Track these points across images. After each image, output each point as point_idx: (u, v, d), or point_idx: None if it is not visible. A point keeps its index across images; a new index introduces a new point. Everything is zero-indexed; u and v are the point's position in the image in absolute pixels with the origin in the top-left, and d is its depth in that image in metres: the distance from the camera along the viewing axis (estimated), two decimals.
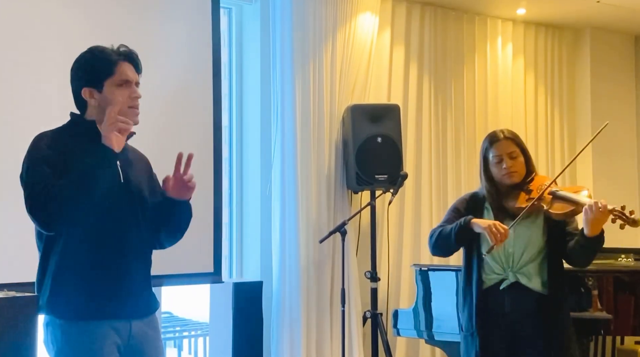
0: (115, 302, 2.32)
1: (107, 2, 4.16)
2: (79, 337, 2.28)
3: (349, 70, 5.17)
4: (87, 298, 2.29)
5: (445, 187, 5.71)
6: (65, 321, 2.29)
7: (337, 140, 5.13)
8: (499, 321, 3.03)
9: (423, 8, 5.71)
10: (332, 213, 5.04)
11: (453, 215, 3.19)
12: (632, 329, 4.24)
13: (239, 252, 5.18)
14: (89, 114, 2.40)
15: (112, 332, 2.32)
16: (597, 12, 6.03)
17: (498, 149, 3.10)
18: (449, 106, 5.81)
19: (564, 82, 6.52)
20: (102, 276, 2.31)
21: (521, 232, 3.03)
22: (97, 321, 2.29)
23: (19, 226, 3.77)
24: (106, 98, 2.35)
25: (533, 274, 2.99)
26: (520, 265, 3.01)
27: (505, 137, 3.11)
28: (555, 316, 2.97)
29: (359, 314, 5.06)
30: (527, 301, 2.99)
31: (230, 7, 5.20)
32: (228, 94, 5.16)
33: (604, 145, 6.54)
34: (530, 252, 3.00)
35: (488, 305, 3.04)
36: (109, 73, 2.36)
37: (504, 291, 3.02)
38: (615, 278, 4.22)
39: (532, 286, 2.98)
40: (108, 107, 2.32)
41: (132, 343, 2.37)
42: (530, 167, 3.14)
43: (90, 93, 2.37)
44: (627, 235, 6.75)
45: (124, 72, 2.38)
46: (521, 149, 3.12)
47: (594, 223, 2.84)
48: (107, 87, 2.36)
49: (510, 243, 3.02)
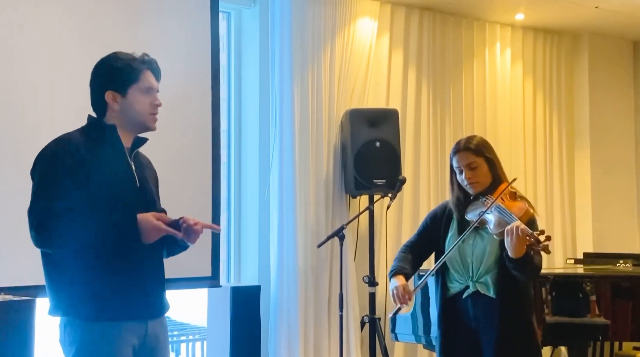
0: (133, 303, 2.35)
1: (106, 6, 4.16)
2: (99, 338, 2.30)
3: (347, 75, 5.17)
4: (106, 299, 2.31)
5: (443, 192, 5.70)
6: (85, 322, 2.30)
7: (336, 144, 5.13)
8: (462, 325, 3.09)
9: (422, 13, 5.71)
10: (330, 217, 5.04)
11: (421, 228, 3.30)
12: (630, 335, 4.25)
13: (237, 257, 5.17)
14: (108, 117, 2.44)
15: (130, 333, 2.35)
16: (596, 17, 6.04)
17: (458, 160, 3.12)
18: (447, 111, 5.81)
19: (562, 88, 6.52)
20: (119, 277, 2.33)
21: (478, 243, 3.06)
22: (115, 322, 2.32)
23: (14, 230, 3.77)
24: (129, 103, 2.41)
25: (491, 283, 3.01)
26: (478, 275, 3.05)
27: (464, 148, 3.11)
28: (509, 323, 3.00)
29: (357, 319, 5.05)
30: (486, 307, 3.03)
31: (230, 11, 5.21)
32: (227, 98, 5.16)
33: (602, 151, 6.55)
34: (487, 263, 3.03)
35: (452, 311, 3.12)
36: (135, 79, 2.42)
37: (467, 299, 3.08)
38: (614, 284, 4.22)
39: (490, 294, 3.02)
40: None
41: (146, 343, 2.41)
42: (497, 175, 3.11)
43: (114, 96, 2.41)
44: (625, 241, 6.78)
45: (148, 80, 2.44)
46: (485, 158, 3.10)
47: (512, 246, 2.81)
48: (131, 92, 2.41)
49: (468, 254, 3.08)
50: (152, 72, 2.47)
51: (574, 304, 4.16)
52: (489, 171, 3.10)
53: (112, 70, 2.42)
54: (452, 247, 3.06)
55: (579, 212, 6.52)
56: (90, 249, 2.28)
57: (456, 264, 3.10)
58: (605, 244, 6.31)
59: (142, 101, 2.42)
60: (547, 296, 4.17)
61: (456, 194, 3.16)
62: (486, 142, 3.18)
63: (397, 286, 3.11)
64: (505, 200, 2.98)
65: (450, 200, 3.20)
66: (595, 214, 6.45)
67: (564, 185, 6.44)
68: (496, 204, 2.93)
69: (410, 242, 3.31)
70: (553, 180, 6.39)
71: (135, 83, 2.41)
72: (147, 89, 2.43)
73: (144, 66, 2.45)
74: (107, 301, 2.30)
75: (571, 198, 6.51)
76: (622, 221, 6.63)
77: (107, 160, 2.35)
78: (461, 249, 3.08)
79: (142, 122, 2.43)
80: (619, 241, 6.48)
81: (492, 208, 2.93)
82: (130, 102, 2.41)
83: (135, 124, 2.44)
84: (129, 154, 2.45)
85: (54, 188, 2.26)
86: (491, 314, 3.01)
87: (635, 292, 4.21)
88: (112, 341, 2.31)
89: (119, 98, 2.41)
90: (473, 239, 3.08)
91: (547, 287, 4.16)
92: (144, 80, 2.43)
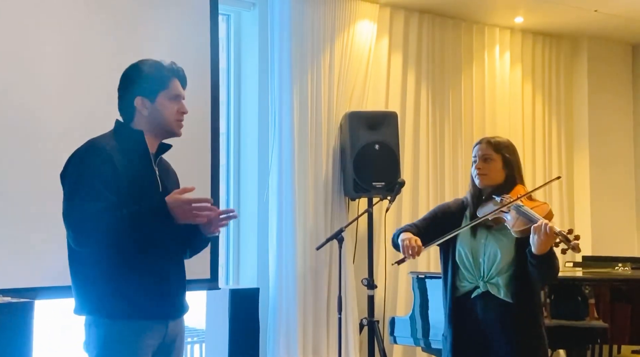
0: (156, 303, 2.41)
1: (107, 9, 4.16)
2: (122, 336, 2.36)
3: (347, 78, 5.18)
4: (130, 298, 2.37)
5: (442, 195, 5.71)
6: (109, 320, 2.36)
7: (335, 147, 5.13)
8: (470, 327, 3.06)
9: (421, 16, 5.72)
10: (329, 220, 5.04)
11: (428, 216, 3.24)
12: (629, 338, 4.24)
13: (236, 259, 5.17)
14: (136, 123, 2.50)
15: (151, 332, 2.42)
16: (595, 21, 6.05)
17: (476, 150, 3.13)
18: (446, 114, 5.82)
19: (561, 91, 6.53)
20: (144, 277, 2.39)
21: (491, 243, 3.04)
22: (139, 320, 2.38)
23: (13, 233, 3.77)
24: (157, 110, 2.49)
25: (502, 285, 2.99)
26: (490, 276, 3.02)
27: (486, 142, 3.11)
28: (522, 326, 2.99)
29: (356, 322, 5.05)
30: (497, 310, 3.00)
31: (229, 13, 5.21)
32: (226, 101, 5.16)
33: (601, 155, 6.55)
34: (499, 265, 3.00)
35: (461, 311, 3.08)
36: (164, 86, 2.50)
37: (476, 299, 3.04)
38: (612, 287, 4.22)
39: (501, 296, 3.00)
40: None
41: (165, 343, 2.47)
42: (513, 176, 3.10)
43: (143, 102, 2.48)
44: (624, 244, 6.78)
45: (176, 88, 2.52)
46: (502, 156, 3.09)
47: (539, 243, 2.81)
48: (159, 99, 2.49)
49: (480, 253, 3.05)
50: (179, 80, 2.54)
51: (572, 307, 4.16)
52: (503, 169, 3.08)
53: (142, 77, 2.49)
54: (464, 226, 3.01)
55: (578, 215, 6.52)
56: (117, 249, 2.33)
57: (467, 263, 3.06)
58: (604, 247, 6.32)
59: (169, 108, 2.50)
60: (546, 299, 4.17)
61: (472, 191, 3.13)
62: (510, 144, 3.16)
63: (409, 238, 2.99)
64: (524, 201, 2.96)
65: (468, 194, 3.16)
66: (594, 216, 6.45)
67: (563, 188, 6.45)
68: (516, 203, 2.92)
69: (413, 224, 3.23)
70: (552, 183, 6.39)
71: (164, 90, 2.49)
72: (175, 96, 2.51)
73: (173, 74, 2.52)
74: (131, 300, 2.36)
75: (570, 201, 6.52)
76: (621, 224, 6.64)
77: (134, 165, 2.42)
78: (473, 248, 3.05)
79: (169, 128, 2.52)
80: (618, 244, 6.48)
81: (512, 207, 2.92)
82: (158, 109, 2.49)
83: (162, 129, 2.52)
84: (154, 160, 2.52)
85: (86, 190, 2.32)
86: (501, 316, 2.98)
87: (634, 295, 4.21)
88: (135, 339, 2.37)
89: (147, 104, 2.48)
90: (485, 239, 3.04)
91: (546, 290, 4.15)
92: (173, 88, 2.51)
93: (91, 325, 2.40)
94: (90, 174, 2.34)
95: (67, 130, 3.94)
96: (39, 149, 3.88)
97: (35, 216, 3.81)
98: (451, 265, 3.10)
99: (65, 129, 3.94)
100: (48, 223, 3.83)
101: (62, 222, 2.26)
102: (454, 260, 3.09)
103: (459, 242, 3.09)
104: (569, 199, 6.51)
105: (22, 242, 3.77)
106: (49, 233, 3.82)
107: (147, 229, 2.34)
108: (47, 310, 3.86)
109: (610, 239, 6.47)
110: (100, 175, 2.34)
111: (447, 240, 3.06)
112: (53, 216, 3.87)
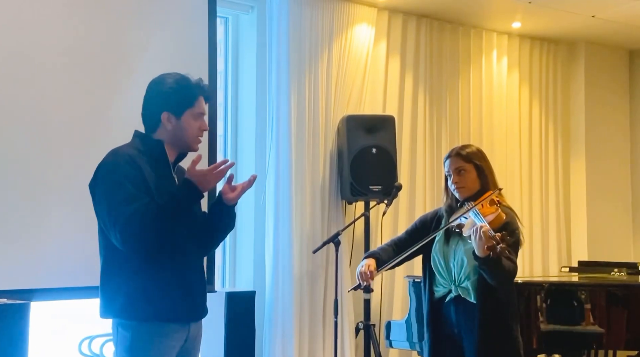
0: (180, 306, 2.49)
1: (104, 11, 4.15)
2: (148, 337, 2.44)
3: (344, 81, 5.18)
4: (156, 300, 2.44)
5: (439, 199, 5.66)
6: (136, 322, 2.44)
7: (332, 150, 5.13)
8: (446, 330, 3.17)
9: (419, 20, 5.73)
10: (326, 223, 5.04)
11: (410, 229, 3.40)
12: (624, 344, 4.24)
13: (232, 262, 5.17)
14: (158, 134, 2.57)
15: (176, 334, 2.50)
16: (592, 26, 6.06)
17: (448, 165, 3.23)
18: (443, 118, 5.82)
19: (558, 96, 6.54)
20: (169, 280, 2.47)
21: (460, 249, 3.13)
22: (164, 323, 2.46)
23: (10, 234, 3.76)
24: (182, 126, 2.56)
25: (471, 288, 3.09)
26: (459, 280, 3.13)
27: (456, 154, 3.22)
28: (489, 329, 3.05)
29: (352, 325, 5.05)
30: (467, 312, 3.10)
31: (227, 16, 5.21)
32: (223, 103, 5.16)
33: (598, 160, 6.56)
34: (467, 269, 3.09)
35: (438, 315, 3.20)
36: (190, 105, 2.56)
37: (450, 302, 3.15)
38: (608, 292, 4.22)
39: (471, 299, 3.09)
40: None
41: (186, 345, 2.56)
42: (485, 182, 3.18)
43: (169, 118, 2.55)
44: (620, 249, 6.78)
45: (201, 106, 2.59)
46: (474, 165, 3.18)
47: (476, 246, 2.88)
48: (185, 116, 2.56)
49: (451, 259, 3.16)
50: (204, 97, 2.61)
51: (568, 312, 4.16)
52: (478, 178, 3.19)
53: (171, 93, 2.55)
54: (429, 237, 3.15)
55: (574, 220, 6.53)
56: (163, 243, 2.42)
57: (440, 268, 3.18)
58: (600, 253, 6.32)
59: (193, 125, 2.57)
60: (542, 304, 4.17)
61: (448, 201, 3.26)
62: (479, 151, 3.27)
63: (365, 264, 3.20)
64: (485, 206, 3.04)
65: (443, 206, 3.29)
66: (590, 221, 6.46)
67: (559, 193, 6.46)
68: (474, 208, 3.01)
69: (397, 239, 3.40)
70: (548, 188, 6.40)
71: (190, 108, 2.56)
72: (199, 114, 2.58)
73: (200, 92, 2.58)
74: (157, 303, 2.44)
75: (566, 206, 6.53)
76: (617, 229, 6.65)
77: (158, 173, 2.50)
78: (445, 254, 3.17)
79: (189, 144, 2.59)
80: (614, 249, 6.49)
81: (470, 212, 3.01)
82: (183, 125, 2.55)
83: (182, 144, 2.58)
84: (173, 168, 2.59)
85: (123, 195, 2.39)
86: (471, 319, 3.07)
87: (629, 301, 4.22)
88: (160, 341, 2.45)
89: (173, 120, 2.55)
90: (456, 244, 3.15)
91: (542, 295, 4.16)
92: (198, 106, 2.57)
93: (118, 327, 2.47)
94: (123, 180, 2.41)
95: (68, 130, 3.94)
96: (39, 149, 3.87)
97: (32, 218, 3.80)
98: (428, 271, 3.24)
99: (66, 128, 3.94)
100: (45, 225, 3.83)
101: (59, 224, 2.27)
102: (430, 266, 3.22)
103: (433, 249, 3.22)
104: (565, 204, 6.52)
105: (19, 243, 3.76)
106: (45, 235, 3.82)
107: (183, 211, 2.41)
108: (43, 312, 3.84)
109: (606, 244, 6.48)
110: (133, 179, 2.41)
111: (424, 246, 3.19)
112: (50, 217, 3.88)
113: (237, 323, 4.41)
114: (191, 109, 2.56)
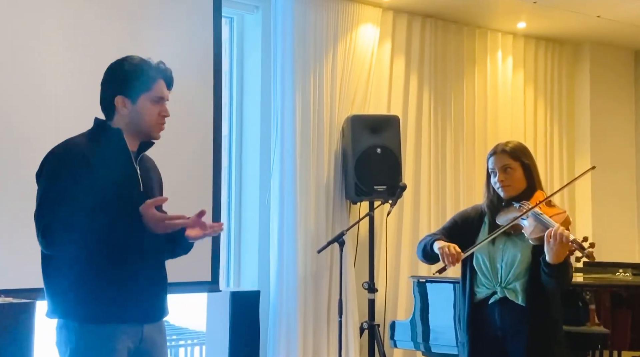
0: (128, 307, 2.35)
1: (110, 11, 4.17)
2: (93, 340, 2.31)
3: (349, 81, 5.19)
4: (103, 302, 2.31)
5: (443, 199, 5.71)
6: (80, 324, 2.31)
7: (337, 150, 5.14)
8: (488, 332, 3.04)
9: (424, 20, 5.73)
10: (331, 223, 5.04)
11: (448, 225, 3.22)
12: (629, 344, 4.24)
13: (237, 262, 5.17)
14: (115, 121, 2.43)
15: (125, 336, 2.35)
16: (597, 26, 6.05)
17: (493, 161, 3.10)
18: (448, 118, 5.82)
19: (563, 96, 6.54)
20: (117, 280, 2.33)
21: (509, 249, 3.03)
22: (111, 324, 2.32)
23: (14, 233, 3.78)
24: (138, 111, 2.40)
25: (519, 290, 2.97)
26: (507, 281, 3.01)
27: (502, 151, 3.09)
28: (539, 332, 2.96)
29: (356, 325, 5.05)
30: (514, 315, 2.99)
31: (232, 16, 5.22)
32: (228, 103, 5.17)
33: (603, 160, 6.55)
34: (516, 270, 2.99)
35: (479, 317, 3.06)
36: (147, 88, 2.40)
37: (494, 304, 3.03)
38: (613, 293, 4.21)
39: (519, 302, 2.98)
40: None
41: (142, 347, 2.40)
42: (533, 182, 3.09)
43: (123, 102, 2.40)
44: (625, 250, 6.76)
45: (160, 89, 2.43)
46: (522, 163, 3.08)
47: (554, 251, 2.78)
48: (141, 100, 2.40)
49: (498, 259, 3.03)
50: (165, 81, 2.45)
51: (573, 312, 4.15)
52: (524, 177, 3.07)
53: (126, 76, 2.40)
54: (483, 240, 2.98)
55: (579, 220, 6.52)
56: (90, 253, 2.27)
57: (485, 268, 3.04)
58: (605, 253, 6.31)
59: (151, 110, 2.41)
60: None
61: (490, 198, 3.11)
62: (524, 148, 3.16)
63: (447, 245, 2.94)
64: (543, 207, 2.93)
65: (484, 203, 3.14)
66: (595, 222, 6.45)
67: (564, 193, 6.44)
68: (534, 210, 2.90)
69: (436, 232, 3.18)
70: (553, 188, 6.38)
71: (147, 92, 2.40)
72: (158, 99, 2.42)
73: (158, 75, 2.43)
74: (101, 304, 2.30)
75: (571, 206, 6.52)
76: (622, 230, 6.63)
77: (113, 165, 2.34)
78: (491, 254, 3.04)
79: (148, 131, 2.43)
80: (619, 249, 6.47)
81: (529, 214, 2.90)
82: (139, 110, 2.40)
83: (141, 131, 2.43)
84: (135, 158, 2.44)
85: (58, 193, 2.26)
86: (519, 322, 2.96)
87: (634, 301, 4.21)
88: (105, 343, 2.31)
89: (128, 104, 2.40)
90: (503, 245, 3.03)
91: None
92: (156, 90, 2.42)
93: (62, 328, 2.36)
94: (65, 176, 2.27)
95: (69, 129, 3.92)
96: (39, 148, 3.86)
97: None
98: (469, 271, 3.08)
99: (66, 128, 3.92)
100: None
101: None
102: (472, 266, 3.07)
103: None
104: (570, 204, 6.51)
105: (24, 242, 3.77)
106: None
107: (121, 237, 2.27)
108: None
109: (612, 245, 6.46)
110: (74, 176, 2.27)
111: (462, 242, 3.02)
112: None
113: (242, 323, 4.42)
114: (148, 92, 2.39)
